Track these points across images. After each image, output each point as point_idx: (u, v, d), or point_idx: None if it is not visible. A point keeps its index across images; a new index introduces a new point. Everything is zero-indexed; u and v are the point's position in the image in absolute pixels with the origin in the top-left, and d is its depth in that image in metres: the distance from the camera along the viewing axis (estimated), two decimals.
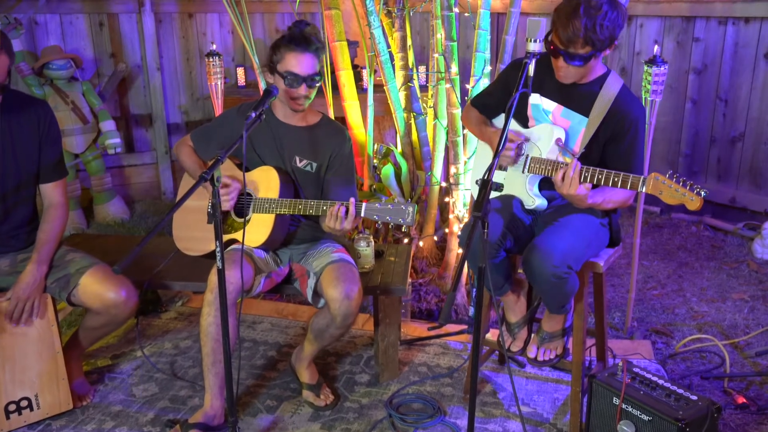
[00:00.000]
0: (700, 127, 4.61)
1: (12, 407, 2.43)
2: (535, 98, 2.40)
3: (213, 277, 2.37)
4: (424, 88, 4.07)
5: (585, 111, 2.32)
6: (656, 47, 2.93)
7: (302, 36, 2.47)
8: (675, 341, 3.28)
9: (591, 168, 2.17)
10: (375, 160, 3.91)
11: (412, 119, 3.85)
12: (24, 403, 2.45)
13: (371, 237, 2.83)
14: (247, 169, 2.62)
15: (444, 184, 3.73)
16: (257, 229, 2.53)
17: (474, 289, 2.52)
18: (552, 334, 2.51)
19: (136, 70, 5.31)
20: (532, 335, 2.58)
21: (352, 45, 4.50)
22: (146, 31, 5.19)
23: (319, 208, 2.41)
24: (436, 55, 3.53)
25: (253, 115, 2.22)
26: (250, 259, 2.50)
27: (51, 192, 2.50)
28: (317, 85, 2.50)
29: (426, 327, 3.23)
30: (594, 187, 2.21)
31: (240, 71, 5.17)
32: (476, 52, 3.40)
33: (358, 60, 4.67)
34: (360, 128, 3.93)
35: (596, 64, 2.27)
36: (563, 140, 2.34)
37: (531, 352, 2.53)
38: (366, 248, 2.80)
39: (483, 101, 2.56)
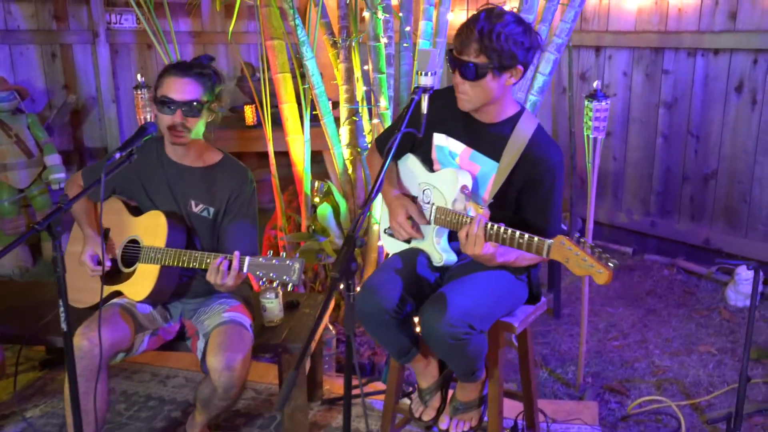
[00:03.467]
0: (672, 164, 4.34)
1: None
2: (440, 139, 2.14)
3: (75, 340, 2.10)
4: None
5: (495, 155, 2.06)
6: (597, 82, 2.68)
7: (186, 62, 2.26)
8: (630, 400, 2.98)
9: (496, 225, 1.90)
10: (316, 199, 3.66)
11: (358, 155, 3.61)
12: None
13: (279, 288, 2.57)
14: (140, 213, 2.38)
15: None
16: (141, 282, 2.28)
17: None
18: (467, 404, 2.23)
19: (91, 102, 5.14)
20: (446, 404, 2.30)
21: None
22: (101, 62, 5.03)
23: (203, 261, 2.15)
24: (365, 88, 3.30)
25: (117, 155, 1.98)
26: (129, 316, 2.24)
27: None
28: (199, 116, 2.25)
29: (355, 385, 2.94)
30: None
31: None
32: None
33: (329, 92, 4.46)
34: (304, 164, 3.70)
35: (500, 92, 1.99)
36: (470, 187, 2.07)
37: (443, 423, 2.24)
38: (272, 300, 2.53)
39: (386, 141, 2.29)
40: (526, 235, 1.85)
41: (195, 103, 2.21)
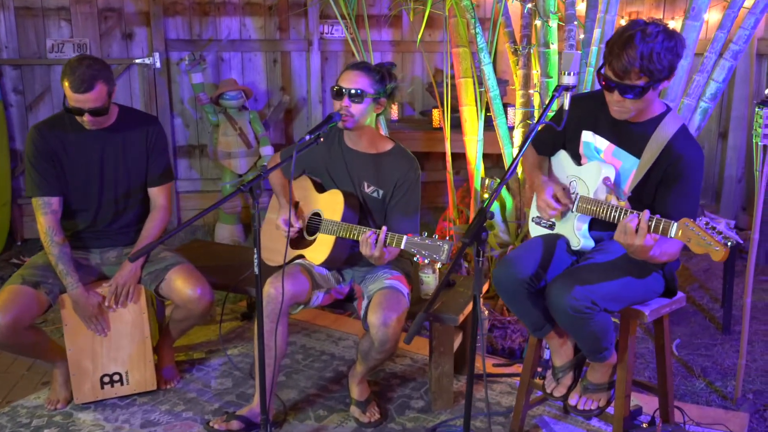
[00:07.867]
0: None
1: (106, 379, 2.85)
2: (587, 136, 2.32)
3: (264, 288, 2.57)
4: None
5: (637, 152, 2.20)
6: None
7: (362, 62, 2.66)
8: None
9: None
10: (485, 195, 3.92)
11: None
12: (116, 377, 2.86)
13: (436, 265, 2.87)
14: (323, 190, 2.82)
15: None
16: (319, 248, 2.71)
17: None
18: (597, 385, 2.37)
19: (301, 103, 5.85)
20: (578, 383, 2.45)
21: (502, 83, 4.53)
22: (312, 68, 5.70)
23: (360, 234, 2.52)
24: (531, 92, 3.50)
25: (307, 137, 2.42)
26: (308, 274, 2.68)
27: (156, 195, 2.91)
28: (363, 104, 2.58)
29: (499, 363, 3.17)
30: None
31: (394, 107, 5.46)
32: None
33: (507, 98, 4.71)
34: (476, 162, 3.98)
35: (653, 98, 2.15)
36: (611, 179, 2.23)
37: (572, 399, 2.40)
38: (429, 275, 2.85)
39: (538, 137, 2.50)
40: (655, 218, 1.99)
41: (359, 92, 2.57)
